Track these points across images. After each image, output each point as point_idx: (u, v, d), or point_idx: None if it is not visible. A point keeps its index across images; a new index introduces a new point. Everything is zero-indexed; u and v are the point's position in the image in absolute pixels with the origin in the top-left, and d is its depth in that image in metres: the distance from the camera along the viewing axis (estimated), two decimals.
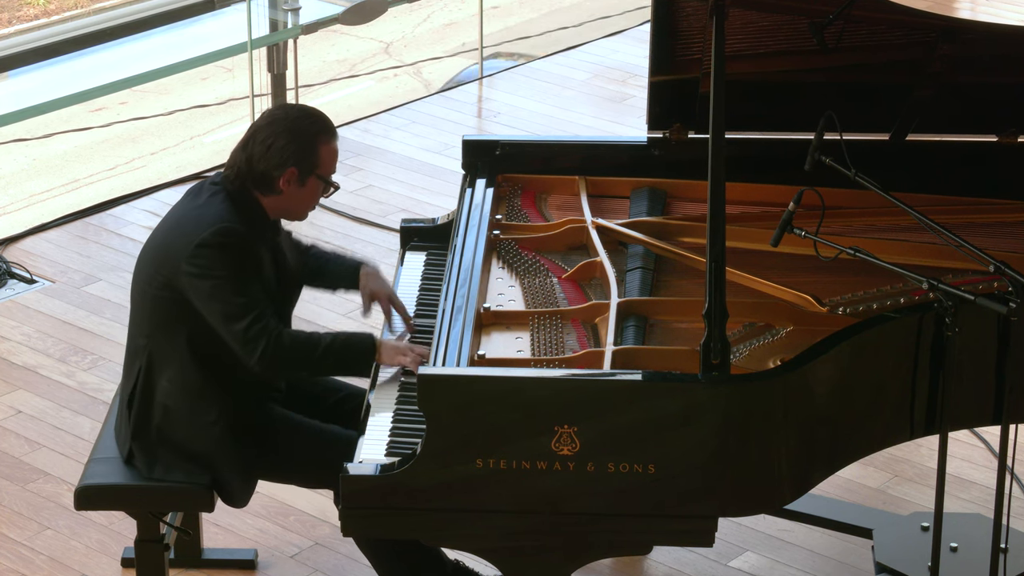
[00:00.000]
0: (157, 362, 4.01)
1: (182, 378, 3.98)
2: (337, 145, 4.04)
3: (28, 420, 5.26)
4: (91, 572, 4.60)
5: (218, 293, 3.88)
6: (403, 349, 3.98)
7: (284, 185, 3.97)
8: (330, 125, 4.04)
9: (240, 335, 3.87)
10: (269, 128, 3.98)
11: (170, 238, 3.98)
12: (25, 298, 5.96)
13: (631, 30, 8.45)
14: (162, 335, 3.99)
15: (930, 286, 3.71)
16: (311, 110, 4.06)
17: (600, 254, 4.18)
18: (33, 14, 11.52)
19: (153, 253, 4.02)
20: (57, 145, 8.92)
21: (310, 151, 3.97)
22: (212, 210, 3.95)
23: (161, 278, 3.95)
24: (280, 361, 3.90)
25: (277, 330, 3.90)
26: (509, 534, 3.69)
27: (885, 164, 4.43)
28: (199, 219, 3.94)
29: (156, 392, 4.01)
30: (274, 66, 7.62)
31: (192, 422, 3.99)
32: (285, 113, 4.02)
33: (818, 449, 3.80)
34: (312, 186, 4.01)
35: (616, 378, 3.64)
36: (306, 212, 4.07)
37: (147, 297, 4.00)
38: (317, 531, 4.76)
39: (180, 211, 4.04)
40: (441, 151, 7.11)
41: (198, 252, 3.88)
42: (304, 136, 3.97)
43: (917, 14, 4.22)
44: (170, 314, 3.96)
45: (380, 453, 3.74)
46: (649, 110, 4.49)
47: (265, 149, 3.96)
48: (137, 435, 4.04)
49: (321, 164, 4.00)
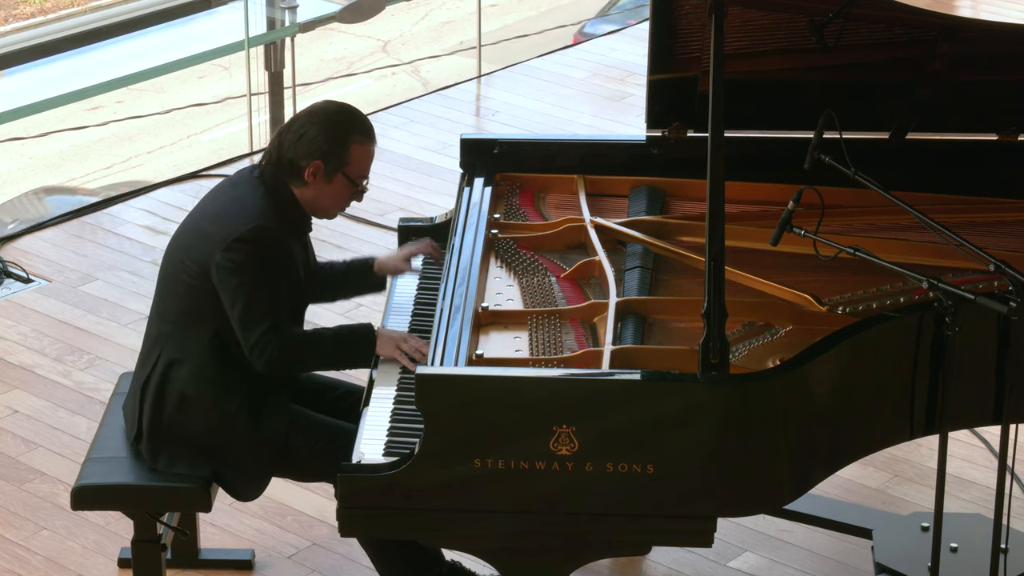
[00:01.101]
0: (180, 349, 4.02)
1: (205, 368, 4.00)
2: (372, 149, 4.05)
3: (24, 420, 5.25)
4: (87, 572, 4.59)
5: (241, 292, 3.92)
6: (399, 340, 4.01)
7: (309, 177, 4.00)
8: (368, 126, 4.05)
9: (253, 340, 3.93)
10: (307, 118, 4.01)
11: (208, 226, 4.00)
12: (21, 297, 5.95)
13: (630, 28, 8.43)
14: (191, 323, 4.01)
15: (930, 285, 3.70)
16: (353, 110, 4.07)
17: (599, 253, 4.17)
18: (29, 12, 11.51)
19: (187, 241, 4.04)
20: (53, 144, 8.91)
21: (340, 147, 3.98)
22: (251, 204, 3.97)
23: (196, 266, 3.98)
24: (285, 364, 4.00)
25: (284, 336, 3.95)
26: (507, 534, 3.68)
27: (885, 163, 4.42)
28: (238, 212, 3.96)
29: (174, 380, 4.02)
30: (271, 64, 7.61)
31: (213, 412, 4.01)
32: (325, 107, 4.05)
33: (818, 449, 3.79)
34: (339, 184, 4.02)
35: (615, 378, 3.64)
36: (334, 211, 4.09)
37: (180, 283, 4.02)
38: (315, 531, 4.75)
39: (219, 200, 4.06)
40: (439, 150, 7.10)
41: (234, 246, 3.92)
42: (337, 131, 3.98)
43: (917, 12, 4.21)
44: (203, 303, 3.99)
45: (378, 453, 3.73)
46: (648, 108, 4.48)
47: (297, 138, 3.99)
48: (147, 421, 4.04)
49: (350, 163, 4.01)
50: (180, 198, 6.63)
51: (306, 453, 4.05)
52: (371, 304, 5.88)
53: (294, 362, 4.03)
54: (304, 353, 4.01)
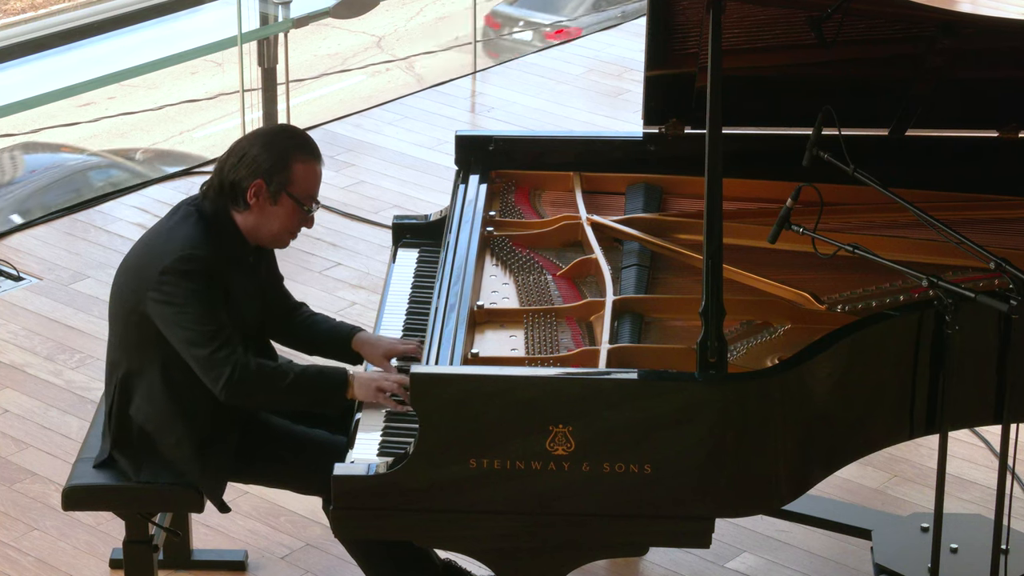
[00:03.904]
0: (131, 380, 3.99)
1: (151, 399, 3.95)
2: (318, 168, 3.93)
3: (15, 419, 5.24)
4: (79, 573, 4.58)
5: (181, 320, 3.83)
6: (380, 383, 3.87)
7: (252, 199, 3.89)
8: (312, 146, 3.94)
9: (204, 361, 3.82)
10: (248, 140, 3.94)
11: (141, 261, 3.95)
12: (12, 295, 5.94)
13: (627, 24, 8.42)
14: (136, 355, 3.96)
15: (930, 283, 3.69)
16: (295, 130, 3.99)
17: (595, 251, 4.16)
18: (20, 7, 11.49)
19: (127, 272, 4.00)
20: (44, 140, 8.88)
21: (282, 166, 3.88)
22: (180, 233, 3.90)
23: (132, 300, 3.92)
24: (246, 389, 3.84)
25: (244, 359, 3.83)
26: (503, 535, 3.67)
27: (884, 160, 4.43)
28: (166, 243, 3.90)
29: (131, 407, 4.00)
30: (265, 60, 7.59)
31: (160, 441, 3.98)
32: (268, 128, 3.99)
33: (816, 449, 3.78)
34: (286, 206, 3.91)
35: (611, 377, 3.62)
36: (283, 236, 3.95)
37: (119, 316, 3.98)
38: (308, 532, 4.73)
39: (154, 231, 4.02)
40: (434, 146, 7.08)
41: (162, 279, 3.84)
42: (278, 150, 3.88)
43: (917, 7, 4.21)
44: (142, 336, 3.93)
45: (372, 453, 3.73)
46: (645, 105, 4.48)
47: (238, 160, 3.90)
48: (118, 444, 4.03)
49: (294, 182, 3.89)
50: (172, 195, 6.60)
51: (283, 467, 4.00)
52: (365, 303, 5.86)
53: (255, 388, 3.83)
54: (266, 381, 3.83)
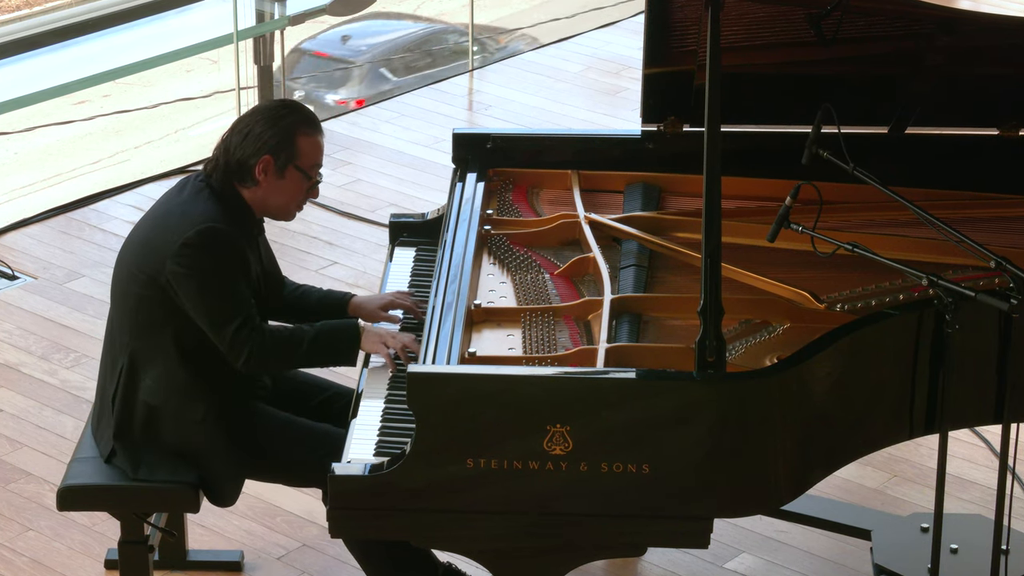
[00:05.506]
0: (141, 360, 3.98)
1: (168, 376, 3.95)
2: (321, 140, 4.00)
3: (9, 419, 5.23)
4: (74, 574, 4.57)
5: (206, 293, 3.87)
6: (385, 337, 3.97)
7: (260, 175, 3.94)
8: (312, 118, 4.01)
9: (228, 339, 3.88)
10: (250, 117, 3.98)
11: (154, 234, 3.95)
12: (6, 295, 5.93)
13: (625, 21, 8.40)
14: (147, 333, 3.96)
15: (930, 282, 3.68)
16: (295, 103, 4.04)
17: (593, 250, 4.15)
18: (15, 4, 11.47)
19: (136, 249, 3.99)
20: (39, 139, 8.87)
21: (288, 140, 3.93)
22: (198, 207, 3.92)
23: (144, 276, 3.93)
24: (266, 362, 3.94)
25: (262, 333, 3.90)
26: (500, 535, 3.65)
27: (884, 158, 4.41)
28: (184, 216, 3.91)
29: (140, 391, 3.98)
30: (260, 58, 7.58)
31: (179, 420, 3.97)
32: (267, 104, 4.02)
33: (816, 448, 3.77)
34: (292, 179, 3.96)
35: (609, 376, 3.61)
36: (290, 209, 4.02)
37: (130, 295, 3.97)
38: (304, 532, 4.72)
39: (164, 207, 4.01)
40: (431, 144, 7.07)
41: (184, 251, 3.86)
42: (282, 125, 3.93)
43: (916, 5, 4.22)
44: (155, 313, 3.94)
45: (369, 453, 3.71)
46: (643, 103, 4.47)
47: (242, 138, 3.94)
48: (120, 435, 4.01)
49: (300, 155, 3.95)
50: None
51: (284, 459, 4.01)
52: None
53: (274, 359, 3.95)
54: (285, 350, 3.94)
